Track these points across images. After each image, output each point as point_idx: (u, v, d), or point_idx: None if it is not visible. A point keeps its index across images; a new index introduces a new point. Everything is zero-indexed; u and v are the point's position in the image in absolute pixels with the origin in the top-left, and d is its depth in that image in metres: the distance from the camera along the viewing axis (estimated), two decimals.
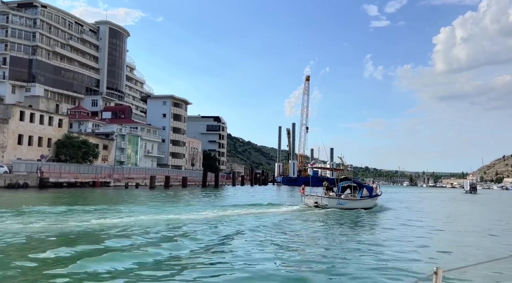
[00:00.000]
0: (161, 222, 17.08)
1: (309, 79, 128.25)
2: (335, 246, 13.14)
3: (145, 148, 77.42)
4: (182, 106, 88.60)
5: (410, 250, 12.77)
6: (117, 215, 18.90)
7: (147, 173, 66.10)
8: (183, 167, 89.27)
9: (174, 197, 38.95)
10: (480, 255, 12.23)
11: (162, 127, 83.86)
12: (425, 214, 29.53)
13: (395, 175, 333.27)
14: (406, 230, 18.08)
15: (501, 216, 30.12)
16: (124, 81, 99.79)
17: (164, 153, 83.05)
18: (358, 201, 27.74)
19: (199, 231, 14.74)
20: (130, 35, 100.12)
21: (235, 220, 18.71)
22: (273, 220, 19.23)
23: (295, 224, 18.55)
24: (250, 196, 46.76)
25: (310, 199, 27.64)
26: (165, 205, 26.86)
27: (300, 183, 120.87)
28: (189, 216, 19.54)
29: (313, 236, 15.17)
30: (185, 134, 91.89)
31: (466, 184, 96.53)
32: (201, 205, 27.85)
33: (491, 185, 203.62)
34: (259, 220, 19.23)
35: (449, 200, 54.02)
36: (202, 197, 39.80)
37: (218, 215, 20.88)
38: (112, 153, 66.98)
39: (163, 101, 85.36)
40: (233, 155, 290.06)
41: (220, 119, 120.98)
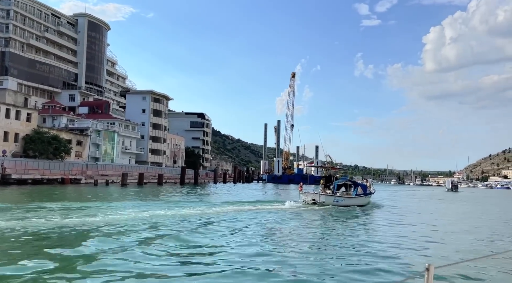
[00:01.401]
0: (89, 222, 15.49)
1: (294, 76, 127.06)
2: (328, 243, 13.41)
3: (123, 145, 75.35)
4: (162, 101, 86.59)
5: (402, 247, 12.88)
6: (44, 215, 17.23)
7: (123, 170, 64.19)
8: (164, 164, 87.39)
9: (135, 194, 37.27)
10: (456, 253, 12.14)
11: (142, 123, 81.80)
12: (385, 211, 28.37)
13: (384, 174, 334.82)
14: (395, 227, 18.46)
15: (452, 213, 29.29)
16: (104, 76, 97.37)
17: (143, 149, 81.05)
18: (353, 199, 29.05)
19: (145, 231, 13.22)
20: (110, 28, 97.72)
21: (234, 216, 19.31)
22: (271, 217, 19.89)
23: (293, 220, 19.19)
24: (223, 194, 45.25)
25: (308, 196, 28.76)
26: (112, 204, 25.22)
27: (285, 181, 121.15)
28: (114, 217, 17.69)
29: (305, 233, 15.36)
30: (166, 130, 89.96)
31: (448, 182, 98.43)
32: (147, 204, 24.69)
33: (476, 183, 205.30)
34: (255, 216, 19.80)
35: (422, 198, 53.24)
36: (163, 195, 38.08)
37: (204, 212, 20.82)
38: (87, 149, 64.88)
39: (142, 96, 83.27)
40: (221, 153, 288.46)
41: (204, 115, 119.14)
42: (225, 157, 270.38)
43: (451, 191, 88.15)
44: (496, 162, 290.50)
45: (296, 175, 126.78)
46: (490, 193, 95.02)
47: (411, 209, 32.11)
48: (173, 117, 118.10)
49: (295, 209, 25.32)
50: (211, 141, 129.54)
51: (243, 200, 32.25)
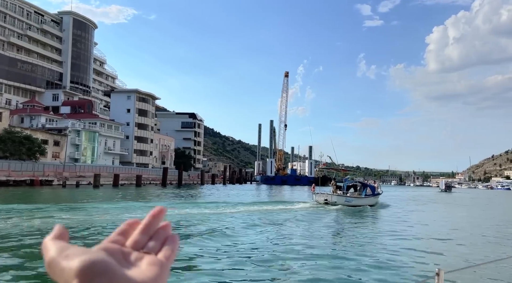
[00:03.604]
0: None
1: (288, 75, 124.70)
2: (339, 245, 13.60)
3: (106, 145, 73.35)
4: (148, 101, 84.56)
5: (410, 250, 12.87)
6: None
7: (104, 171, 62.18)
8: (151, 166, 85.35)
9: (88, 196, 35.07)
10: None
11: (126, 123, 79.86)
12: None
13: (386, 174, 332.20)
14: (406, 229, 18.64)
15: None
16: (91, 75, 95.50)
17: (127, 150, 79.02)
18: (363, 199, 30.51)
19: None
20: (97, 27, 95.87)
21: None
22: (287, 216, 21.25)
23: (306, 220, 20.21)
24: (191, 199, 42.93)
25: (320, 196, 30.72)
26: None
27: (278, 182, 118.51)
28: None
29: (316, 233, 15.99)
30: (153, 130, 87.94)
31: (442, 183, 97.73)
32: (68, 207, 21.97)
33: (477, 184, 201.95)
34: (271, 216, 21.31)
35: (410, 199, 50.74)
36: (117, 197, 35.86)
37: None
38: (64, 149, 62.88)
39: (127, 96, 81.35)
40: (220, 154, 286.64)
41: (196, 115, 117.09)
42: (224, 158, 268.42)
43: (445, 192, 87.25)
44: (499, 163, 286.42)
45: (289, 176, 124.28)
46: (486, 194, 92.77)
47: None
48: (163, 117, 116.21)
49: (309, 209, 27.12)
50: (203, 141, 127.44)
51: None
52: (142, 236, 0.49)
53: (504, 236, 17.96)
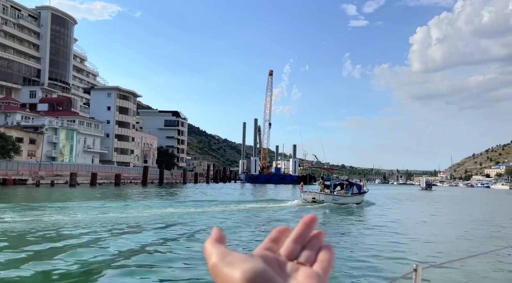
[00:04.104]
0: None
1: (272, 74, 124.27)
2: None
3: (85, 143, 71.77)
4: (130, 98, 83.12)
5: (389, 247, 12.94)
6: None
7: (83, 169, 60.70)
8: (132, 164, 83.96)
9: (61, 195, 34.05)
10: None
11: (106, 120, 78.32)
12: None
13: (370, 173, 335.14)
14: (386, 225, 19.04)
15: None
16: (70, 72, 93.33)
17: (108, 148, 77.52)
18: (349, 197, 31.30)
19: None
20: (77, 23, 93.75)
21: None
22: (276, 214, 21.87)
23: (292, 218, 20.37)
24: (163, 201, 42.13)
25: (308, 195, 31.14)
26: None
27: (262, 181, 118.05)
28: None
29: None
30: (134, 128, 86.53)
31: (423, 182, 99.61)
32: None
33: (458, 182, 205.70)
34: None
35: (389, 197, 51.02)
36: (95, 197, 34.91)
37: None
38: (41, 148, 61.17)
39: (107, 93, 79.78)
40: (205, 153, 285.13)
41: (180, 114, 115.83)
42: (209, 157, 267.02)
43: (425, 190, 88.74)
44: (479, 162, 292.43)
45: (273, 174, 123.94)
46: (465, 192, 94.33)
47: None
48: (146, 115, 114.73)
49: (297, 206, 27.87)
50: (187, 140, 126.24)
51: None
52: (295, 245, 0.47)
53: (477, 232, 18.16)
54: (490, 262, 10.81)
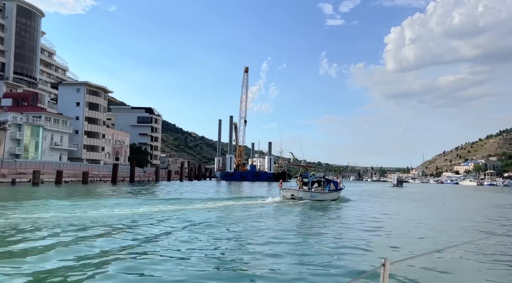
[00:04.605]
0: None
1: (247, 71, 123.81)
2: (297, 239, 13.77)
3: (52, 140, 69.32)
4: (100, 94, 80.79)
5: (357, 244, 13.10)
6: None
7: (49, 167, 58.53)
8: (103, 162, 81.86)
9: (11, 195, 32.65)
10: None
11: (75, 117, 75.91)
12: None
13: (345, 170, 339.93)
14: (357, 222, 19.51)
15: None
16: (37, 66, 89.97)
17: (77, 145, 75.19)
18: (326, 194, 32.03)
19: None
20: (44, 15, 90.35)
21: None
22: (255, 212, 22.04)
23: (273, 215, 20.73)
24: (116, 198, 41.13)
25: (287, 192, 31.61)
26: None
27: (237, 178, 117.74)
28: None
29: (276, 229, 16.00)
30: (105, 125, 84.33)
31: (394, 178, 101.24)
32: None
33: (429, 179, 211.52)
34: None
35: (357, 194, 51.72)
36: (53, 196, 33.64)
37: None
38: (3, 144, 58.64)
39: (76, 88, 77.23)
40: (182, 150, 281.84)
41: (153, 110, 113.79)
42: (185, 154, 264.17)
43: (397, 186, 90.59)
44: (449, 159, 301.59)
45: (249, 172, 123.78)
46: (434, 188, 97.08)
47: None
48: (118, 111, 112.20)
49: (277, 203, 28.24)
50: (161, 137, 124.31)
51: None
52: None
53: (440, 227, 18.53)
54: (456, 256, 11.10)
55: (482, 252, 11.87)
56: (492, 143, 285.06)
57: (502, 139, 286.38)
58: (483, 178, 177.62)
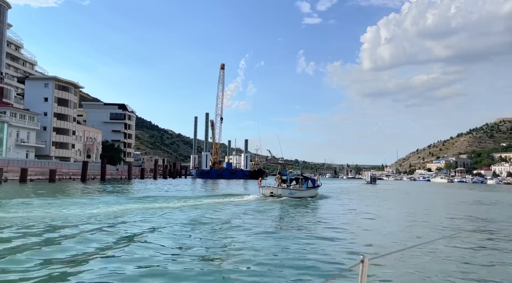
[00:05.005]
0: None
1: (223, 67, 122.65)
2: (275, 235, 13.90)
3: (18, 137, 66.53)
4: (70, 90, 78.16)
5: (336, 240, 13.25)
6: None
7: (14, 164, 56.04)
8: (72, 159, 79.31)
9: None
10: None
11: (43, 112, 73.16)
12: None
13: (322, 168, 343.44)
14: (335, 218, 19.90)
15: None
16: (3, 59, 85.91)
17: (45, 142, 72.51)
18: (305, 191, 32.74)
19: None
20: (11, 7, 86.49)
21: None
22: (236, 209, 22.07)
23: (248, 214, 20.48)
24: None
25: (266, 190, 31.89)
26: None
27: (213, 176, 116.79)
28: None
29: (249, 225, 16.07)
30: (75, 121, 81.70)
31: (368, 176, 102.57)
32: None
33: (402, 176, 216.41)
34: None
35: (331, 191, 52.14)
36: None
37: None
38: None
39: (44, 83, 74.44)
40: (157, 148, 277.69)
41: (127, 106, 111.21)
42: (161, 152, 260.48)
43: (370, 183, 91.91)
44: (422, 156, 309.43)
45: (224, 169, 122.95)
46: (406, 185, 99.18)
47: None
48: (90, 108, 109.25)
49: (256, 201, 28.37)
50: (135, 134, 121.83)
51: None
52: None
53: (413, 223, 19.00)
54: (430, 251, 11.45)
55: (455, 246, 12.44)
56: (463, 141, 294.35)
57: (471, 137, 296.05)
58: (453, 175, 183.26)
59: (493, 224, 19.70)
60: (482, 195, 54.63)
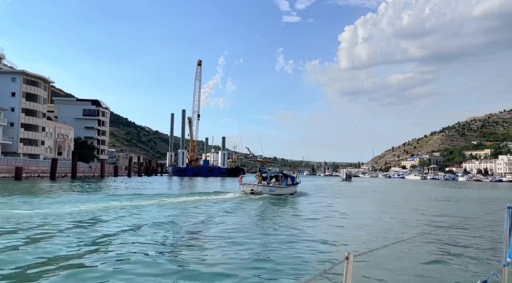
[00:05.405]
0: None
1: (201, 63, 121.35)
2: (258, 233, 13.77)
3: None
4: (39, 84, 75.44)
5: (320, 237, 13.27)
6: None
7: None
8: (42, 157, 76.71)
9: None
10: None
11: (10, 108, 70.35)
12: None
13: (300, 165, 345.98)
14: (316, 216, 19.75)
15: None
16: None
17: (12, 139, 69.77)
18: (284, 188, 33.20)
19: None
20: None
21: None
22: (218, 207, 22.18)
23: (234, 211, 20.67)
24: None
25: (247, 187, 32.19)
26: None
27: (190, 174, 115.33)
28: None
29: (237, 222, 16.17)
30: (45, 117, 79.02)
31: (343, 173, 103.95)
32: None
33: (378, 173, 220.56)
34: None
35: (307, 189, 52.40)
36: None
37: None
38: None
39: (11, 78, 71.50)
40: (134, 145, 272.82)
41: (100, 103, 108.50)
42: (137, 149, 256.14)
43: (345, 181, 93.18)
44: (397, 154, 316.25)
45: (202, 167, 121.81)
46: (380, 182, 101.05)
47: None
48: (62, 103, 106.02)
49: (238, 198, 28.74)
50: (109, 131, 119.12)
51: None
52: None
53: (387, 220, 19.24)
54: (412, 247, 11.76)
55: (430, 243, 12.84)
56: (436, 139, 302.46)
57: (444, 135, 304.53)
58: (426, 173, 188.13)
59: (461, 219, 20.23)
60: (451, 191, 56.05)
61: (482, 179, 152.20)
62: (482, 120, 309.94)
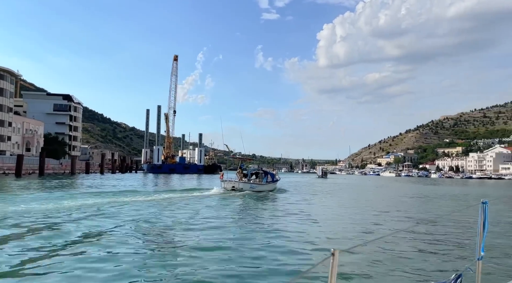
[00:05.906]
0: None
1: (177, 59, 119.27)
2: (240, 231, 13.49)
3: None
4: (5, 78, 72.26)
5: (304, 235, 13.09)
6: None
7: None
8: (8, 153, 73.58)
9: None
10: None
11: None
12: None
13: (278, 162, 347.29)
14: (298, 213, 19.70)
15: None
16: None
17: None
18: (265, 185, 33.98)
19: None
20: None
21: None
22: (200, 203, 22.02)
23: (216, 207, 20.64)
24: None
25: (228, 184, 32.43)
26: None
27: (165, 171, 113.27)
28: None
29: (220, 219, 16.07)
30: (11, 111, 75.79)
31: (319, 170, 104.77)
32: None
33: (354, 170, 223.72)
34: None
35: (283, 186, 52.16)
36: None
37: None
38: None
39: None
40: (109, 141, 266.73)
41: (72, 98, 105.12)
42: (113, 146, 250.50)
43: (321, 177, 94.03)
44: (373, 151, 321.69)
45: (177, 164, 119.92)
46: (355, 179, 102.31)
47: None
48: (31, 98, 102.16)
49: (219, 194, 28.94)
50: (81, 126, 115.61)
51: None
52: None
53: (369, 216, 19.40)
54: (397, 242, 11.91)
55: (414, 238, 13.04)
56: (410, 137, 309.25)
57: (418, 133, 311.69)
58: (401, 170, 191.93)
59: (436, 215, 20.36)
60: (424, 188, 56.94)
61: (453, 176, 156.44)
62: (455, 119, 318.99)
